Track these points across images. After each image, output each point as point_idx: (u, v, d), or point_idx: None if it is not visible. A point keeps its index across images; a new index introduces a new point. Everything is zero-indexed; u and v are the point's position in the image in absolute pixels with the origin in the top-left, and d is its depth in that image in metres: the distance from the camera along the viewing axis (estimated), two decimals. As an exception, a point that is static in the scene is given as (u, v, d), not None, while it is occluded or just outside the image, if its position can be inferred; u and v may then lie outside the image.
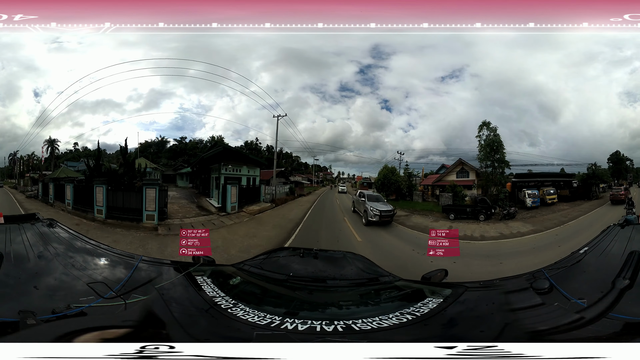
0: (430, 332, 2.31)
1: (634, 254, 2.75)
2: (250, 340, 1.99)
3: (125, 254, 3.68)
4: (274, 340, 1.98)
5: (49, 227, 3.87)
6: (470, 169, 18.82)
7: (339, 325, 2.20)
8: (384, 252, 11.17)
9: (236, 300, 2.60)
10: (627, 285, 2.34)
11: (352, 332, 2.14)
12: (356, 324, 2.23)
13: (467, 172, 19.07)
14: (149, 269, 3.33)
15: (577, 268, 3.03)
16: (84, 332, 1.90)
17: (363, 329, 2.17)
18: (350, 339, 2.04)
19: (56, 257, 3.17)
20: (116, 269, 3.27)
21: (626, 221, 3.75)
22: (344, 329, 2.16)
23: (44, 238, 3.53)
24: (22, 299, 2.41)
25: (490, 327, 2.33)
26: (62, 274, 2.93)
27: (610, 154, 19.56)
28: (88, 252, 3.52)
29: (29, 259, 3.02)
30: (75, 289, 2.65)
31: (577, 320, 2.10)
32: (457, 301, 2.75)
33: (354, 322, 2.25)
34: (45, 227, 3.85)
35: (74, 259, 3.25)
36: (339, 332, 2.12)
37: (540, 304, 2.46)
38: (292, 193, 21.51)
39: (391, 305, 2.87)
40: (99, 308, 2.35)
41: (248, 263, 3.93)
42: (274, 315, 2.33)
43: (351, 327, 2.19)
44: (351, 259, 4.38)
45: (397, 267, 5.11)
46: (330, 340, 2.01)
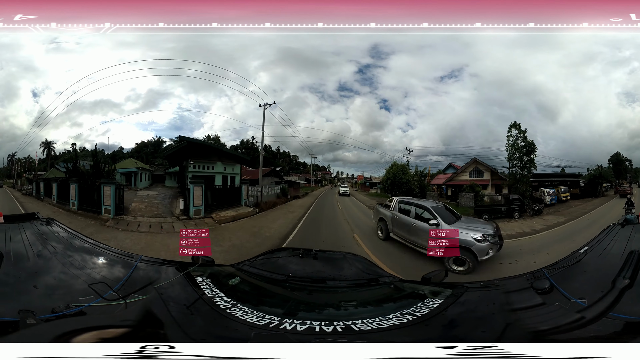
0: (431, 332, 2.31)
1: (634, 253, 2.75)
2: (248, 340, 1.98)
3: (125, 254, 3.68)
4: (272, 341, 1.97)
5: (48, 226, 3.87)
6: (485, 169, 18.72)
7: (339, 326, 2.19)
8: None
9: (235, 301, 2.59)
10: (627, 284, 2.34)
11: (351, 332, 2.13)
12: (356, 325, 2.22)
13: (481, 172, 18.97)
14: (148, 268, 3.34)
15: (577, 268, 3.03)
16: (82, 331, 1.91)
17: (363, 330, 2.17)
18: (349, 339, 2.03)
19: (55, 256, 3.17)
20: (115, 268, 3.27)
21: (626, 221, 3.76)
22: (343, 330, 2.15)
23: (43, 237, 3.53)
24: (21, 298, 2.41)
25: (491, 327, 2.33)
26: (61, 273, 2.93)
27: (611, 155, 19.64)
28: (87, 252, 3.52)
29: (28, 258, 3.02)
30: (75, 289, 2.65)
31: (578, 320, 2.10)
32: (458, 301, 2.75)
33: (354, 323, 2.24)
34: (45, 226, 3.85)
35: (74, 258, 3.25)
36: (339, 333, 2.11)
37: (541, 304, 2.45)
38: (285, 195, 20.35)
39: (391, 306, 2.87)
40: (99, 308, 2.35)
41: (247, 263, 3.94)
42: (272, 316, 2.33)
43: (351, 327, 2.18)
44: (351, 259, 4.39)
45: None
46: (329, 340, 2.01)
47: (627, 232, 3.40)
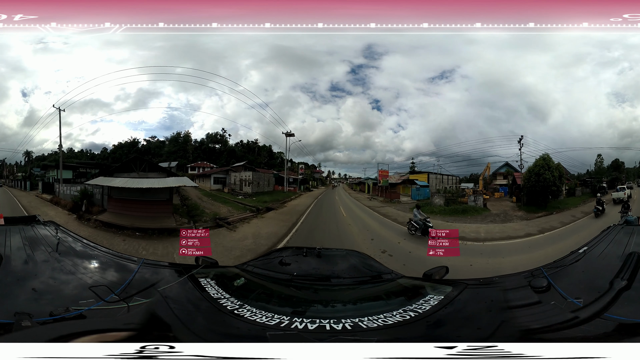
0: (430, 329, 2.36)
1: (633, 255, 2.76)
2: (264, 340, 2.01)
3: (126, 257, 3.68)
4: (288, 340, 2.00)
5: (48, 229, 3.87)
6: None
7: (347, 324, 2.23)
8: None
9: (242, 302, 2.61)
10: (624, 286, 2.35)
11: (360, 329, 2.18)
12: (363, 322, 2.27)
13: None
14: (151, 271, 3.34)
15: (576, 267, 3.05)
16: (81, 334, 1.88)
17: (370, 327, 2.21)
18: (361, 337, 2.07)
19: (55, 259, 3.17)
20: (117, 271, 3.27)
21: (626, 222, 3.77)
22: (352, 327, 2.20)
23: (43, 240, 3.53)
24: (20, 301, 2.41)
25: (486, 324, 2.37)
26: (61, 276, 2.93)
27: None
28: (88, 255, 3.53)
29: (28, 260, 3.02)
30: (75, 292, 2.64)
31: (571, 319, 2.12)
32: (457, 298, 2.78)
33: (361, 320, 2.29)
34: (45, 229, 3.85)
35: (74, 261, 3.25)
36: (348, 330, 2.16)
37: (537, 302, 2.48)
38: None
39: (394, 303, 2.90)
40: (99, 311, 2.34)
41: (251, 264, 3.96)
42: (282, 315, 2.35)
43: (358, 325, 2.23)
44: (354, 257, 4.44)
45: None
46: (342, 339, 2.03)
47: (627, 233, 3.41)
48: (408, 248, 11.38)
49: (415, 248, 11.03)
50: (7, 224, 3.89)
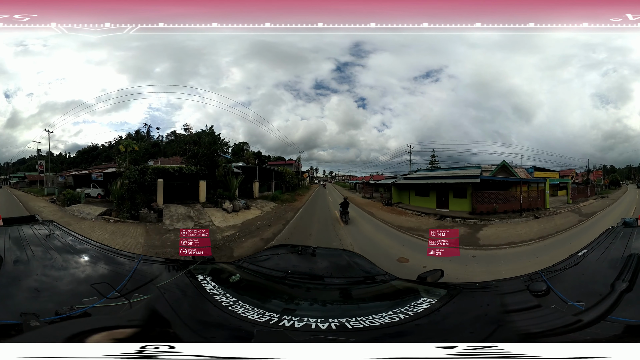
0: (420, 332, 2.33)
1: (633, 256, 2.76)
2: (251, 337, 2.04)
3: (126, 253, 3.69)
4: (273, 337, 2.02)
5: (47, 228, 3.87)
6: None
7: (333, 324, 2.24)
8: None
9: (236, 298, 2.64)
10: (626, 287, 2.34)
11: (344, 330, 2.18)
12: (349, 322, 2.27)
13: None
14: (150, 267, 3.34)
15: (575, 270, 3.03)
16: (91, 332, 1.90)
17: (355, 328, 2.21)
18: (341, 337, 2.07)
19: (57, 258, 3.16)
20: (117, 268, 3.26)
21: (625, 223, 3.76)
22: (337, 327, 2.20)
23: (43, 239, 3.53)
24: (23, 301, 2.40)
25: (481, 328, 2.34)
26: (62, 274, 2.93)
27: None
28: (88, 252, 3.52)
29: (29, 260, 3.01)
30: (77, 290, 2.64)
31: (574, 322, 2.09)
32: (451, 302, 2.76)
33: (348, 321, 2.29)
34: (45, 229, 3.84)
35: (74, 259, 3.25)
36: (332, 330, 2.16)
37: (536, 306, 2.45)
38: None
39: (385, 304, 2.89)
40: (102, 308, 2.34)
41: (247, 260, 3.98)
42: (272, 313, 2.38)
43: (344, 325, 2.24)
44: (348, 257, 4.44)
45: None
46: (322, 339, 2.04)
47: (626, 235, 3.40)
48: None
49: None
50: (6, 224, 3.88)
